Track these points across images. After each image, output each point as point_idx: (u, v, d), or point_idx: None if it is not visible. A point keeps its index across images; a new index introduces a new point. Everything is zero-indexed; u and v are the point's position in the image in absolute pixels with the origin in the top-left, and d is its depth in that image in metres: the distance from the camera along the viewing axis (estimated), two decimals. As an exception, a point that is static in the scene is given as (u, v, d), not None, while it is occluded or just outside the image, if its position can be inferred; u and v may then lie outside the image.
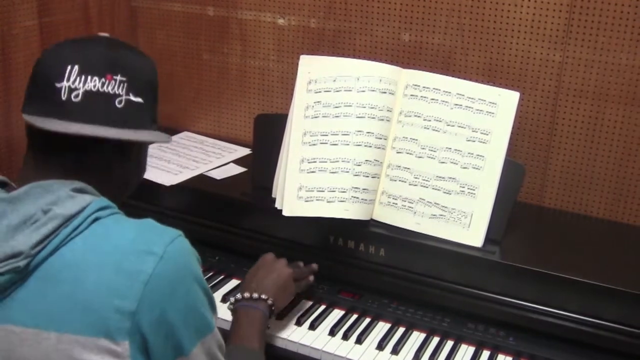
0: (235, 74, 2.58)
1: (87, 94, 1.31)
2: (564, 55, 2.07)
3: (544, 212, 2.19)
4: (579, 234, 2.08)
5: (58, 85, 1.31)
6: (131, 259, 1.21)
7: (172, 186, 2.16)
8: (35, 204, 1.24)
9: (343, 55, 2.28)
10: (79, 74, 1.32)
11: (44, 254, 1.21)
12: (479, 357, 1.79)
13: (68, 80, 1.31)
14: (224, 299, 1.95)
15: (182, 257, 1.26)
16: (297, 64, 2.00)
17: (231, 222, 2.09)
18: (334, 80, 1.95)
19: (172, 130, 2.62)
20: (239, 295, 1.75)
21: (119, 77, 1.34)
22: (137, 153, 1.44)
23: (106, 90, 1.32)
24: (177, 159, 2.36)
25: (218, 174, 2.27)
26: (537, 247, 1.94)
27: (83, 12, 2.42)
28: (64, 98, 1.31)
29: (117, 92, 1.33)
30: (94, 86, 1.32)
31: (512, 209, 1.88)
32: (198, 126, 2.69)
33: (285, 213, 1.93)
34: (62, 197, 1.25)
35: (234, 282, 2.04)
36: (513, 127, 1.87)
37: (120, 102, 1.33)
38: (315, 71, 1.98)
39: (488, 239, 1.87)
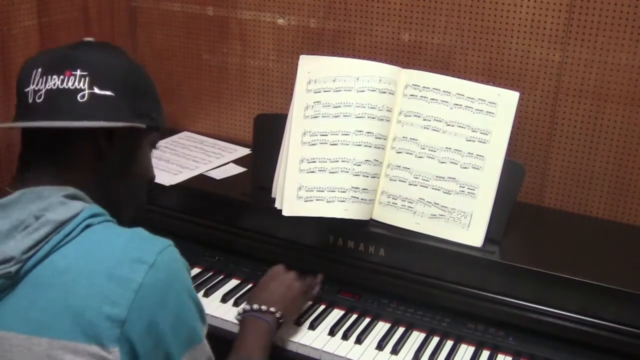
0: (235, 74, 2.58)
1: (49, 92, 1.33)
2: (563, 55, 2.07)
3: (544, 212, 2.19)
4: (579, 234, 2.07)
5: (26, 90, 1.35)
6: (123, 267, 1.21)
7: (172, 186, 2.16)
8: (27, 210, 1.24)
9: (343, 55, 2.29)
10: (42, 75, 1.34)
11: (35, 259, 1.21)
12: (479, 357, 1.79)
13: (33, 83, 1.35)
14: (224, 299, 1.95)
15: (172, 267, 1.26)
16: (297, 64, 2.00)
17: (231, 222, 2.09)
18: (334, 80, 1.95)
19: (171, 130, 2.62)
20: (247, 306, 1.74)
21: (78, 72, 1.34)
22: (120, 147, 1.40)
23: (67, 87, 1.33)
24: (177, 159, 2.36)
25: (218, 174, 2.27)
26: (537, 247, 1.94)
27: (82, 12, 2.42)
28: (30, 101, 1.34)
29: (78, 87, 1.33)
30: (54, 84, 1.33)
31: (511, 209, 1.88)
32: (198, 126, 2.69)
33: (285, 213, 1.93)
34: (54, 204, 1.25)
35: (233, 282, 2.04)
36: (513, 127, 1.87)
37: (83, 96, 1.33)
38: (314, 71, 1.98)
39: (488, 239, 1.87)
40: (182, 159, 2.37)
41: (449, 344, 1.83)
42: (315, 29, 2.38)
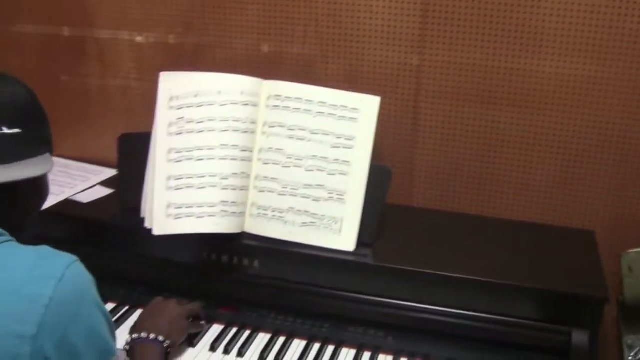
0: (96, 95, 2.52)
1: None
2: (421, 58, 2.12)
3: (414, 212, 2.23)
4: (448, 230, 2.12)
5: None
6: (31, 284, 1.20)
7: (36, 214, 2.09)
8: None
9: (204, 70, 2.27)
10: None
11: None
12: (360, 359, 1.81)
13: None
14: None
15: (81, 281, 1.26)
16: (158, 81, 1.98)
17: (101, 245, 2.04)
18: (196, 96, 1.93)
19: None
20: (134, 335, 1.70)
21: None
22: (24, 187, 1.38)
23: None
24: (41, 186, 2.28)
25: (85, 197, 2.21)
26: (409, 247, 1.98)
27: None
28: None
29: None
30: None
31: (381, 211, 1.91)
32: (60, 150, 2.61)
33: (155, 232, 1.90)
34: None
35: (109, 306, 1.99)
36: (377, 131, 1.90)
37: None
38: (176, 88, 1.96)
39: (360, 243, 1.89)
40: (46, 185, 2.29)
41: (330, 348, 1.84)
42: (174, 45, 2.36)
